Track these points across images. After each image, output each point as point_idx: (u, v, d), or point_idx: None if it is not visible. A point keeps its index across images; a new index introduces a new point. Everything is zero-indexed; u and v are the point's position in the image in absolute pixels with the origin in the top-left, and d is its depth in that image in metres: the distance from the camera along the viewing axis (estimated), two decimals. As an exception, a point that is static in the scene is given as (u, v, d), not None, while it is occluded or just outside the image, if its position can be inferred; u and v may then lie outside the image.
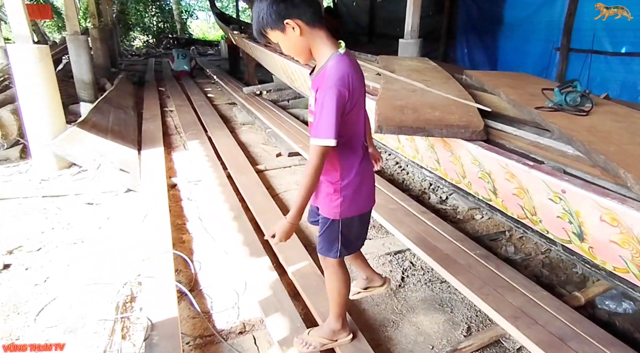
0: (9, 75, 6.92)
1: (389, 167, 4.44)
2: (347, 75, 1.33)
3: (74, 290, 2.31)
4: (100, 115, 5.09)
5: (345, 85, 1.32)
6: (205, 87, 9.49)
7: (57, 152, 3.40)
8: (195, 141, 4.99)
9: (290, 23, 1.34)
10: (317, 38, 1.39)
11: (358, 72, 1.42)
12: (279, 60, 5.29)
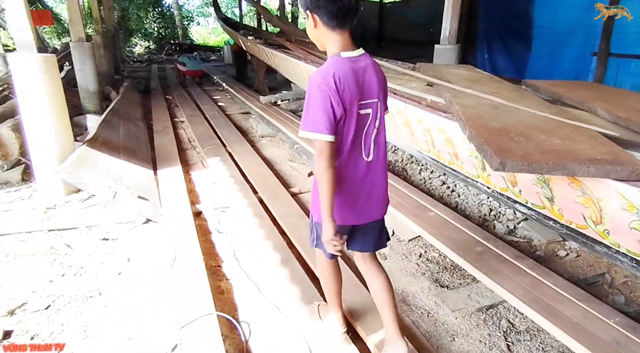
0: (8, 85, 6.42)
1: (435, 188, 3.96)
2: (333, 73, 1.37)
3: (96, 370, 1.81)
4: (110, 130, 4.60)
5: (327, 83, 1.36)
6: (214, 94, 9.01)
7: (68, 180, 2.91)
8: (215, 158, 4.50)
9: (309, 14, 1.45)
10: (330, 39, 1.45)
11: (357, 75, 1.43)
12: (304, 68, 4.82)
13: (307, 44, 6.05)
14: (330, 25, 1.43)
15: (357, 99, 1.42)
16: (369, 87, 1.47)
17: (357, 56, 1.46)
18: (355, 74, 1.42)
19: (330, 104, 1.35)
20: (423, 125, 2.80)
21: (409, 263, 2.71)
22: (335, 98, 1.36)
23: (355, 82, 1.41)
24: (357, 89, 1.42)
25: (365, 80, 1.45)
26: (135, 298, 2.30)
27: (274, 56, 5.89)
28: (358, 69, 1.44)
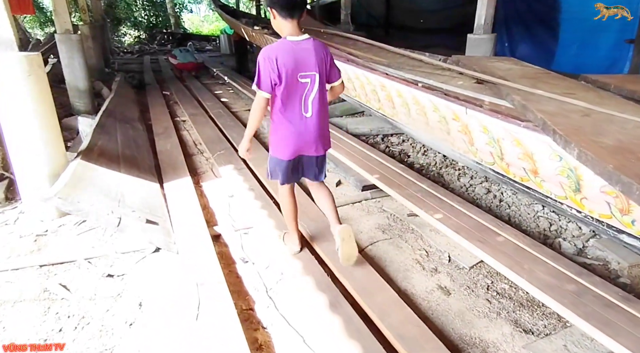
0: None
1: (480, 196, 3.50)
2: (275, 50, 2.00)
3: None
4: (106, 136, 4.06)
5: (268, 55, 1.99)
6: (215, 89, 8.43)
7: (63, 207, 2.39)
8: (227, 166, 3.99)
9: (269, 9, 2.08)
10: (283, 26, 2.06)
11: (295, 53, 2.01)
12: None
13: (321, 35, 5.51)
14: (282, 16, 2.03)
15: (294, 70, 2.01)
16: (306, 63, 2.04)
17: (300, 40, 2.05)
18: (294, 53, 2.01)
19: (269, 71, 1.98)
20: (490, 135, 2.33)
21: (477, 299, 2.26)
22: (273, 67, 1.97)
23: (293, 58, 2.00)
24: (294, 63, 2.00)
25: (302, 57, 2.03)
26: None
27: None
28: (298, 49, 2.03)
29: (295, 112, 2.13)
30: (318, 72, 2.08)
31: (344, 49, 4.78)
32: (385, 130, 5.12)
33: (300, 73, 2.04)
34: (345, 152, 3.86)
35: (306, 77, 2.07)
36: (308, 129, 2.17)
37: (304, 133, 2.17)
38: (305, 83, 2.08)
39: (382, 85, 3.27)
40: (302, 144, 2.20)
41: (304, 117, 2.15)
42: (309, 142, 2.21)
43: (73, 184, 2.63)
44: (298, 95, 2.10)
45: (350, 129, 5.09)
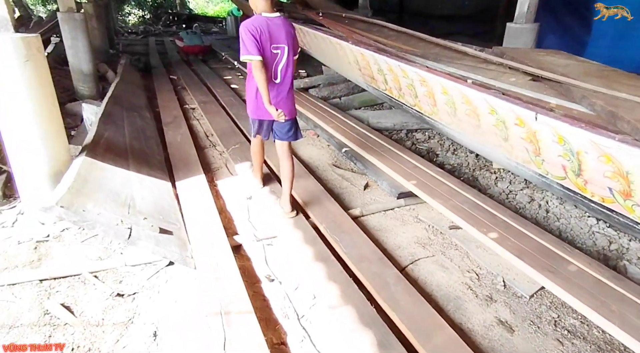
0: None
1: (522, 206, 3.17)
2: (254, 23, 2.36)
3: None
4: (113, 126, 3.72)
5: (249, 27, 2.34)
6: (224, 73, 8.03)
7: (67, 217, 2.06)
8: (244, 163, 3.65)
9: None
10: (258, 3, 2.42)
11: (270, 27, 2.39)
12: (349, 51, 3.92)
13: (342, 20, 5.11)
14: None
15: (269, 41, 2.41)
16: (278, 36, 2.43)
17: (273, 17, 2.44)
18: (268, 27, 2.40)
19: (252, 40, 2.34)
20: (567, 147, 1.99)
21: (545, 339, 1.95)
22: (255, 37, 2.35)
23: (267, 31, 2.39)
24: (269, 35, 2.40)
25: (275, 31, 2.42)
26: None
27: (305, 34, 4.96)
28: (271, 24, 2.41)
29: (270, 78, 2.52)
30: (287, 45, 2.49)
31: (369, 36, 4.39)
32: (410, 125, 4.77)
33: (273, 44, 2.44)
34: (374, 152, 3.52)
35: (277, 48, 2.47)
36: (279, 94, 2.59)
37: (276, 97, 2.57)
38: (276, 54, 2.49)
39: (422, 79, 2.91)
40: (278, 106, 2.56)
41: (274, 83, 2.56)
42: (280, 105, 2.58)
43: (77, 189, 2.31)
44: (270, 64, 2.49)
45: (372, 122, 4.74)
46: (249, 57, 2.36)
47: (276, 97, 2.57)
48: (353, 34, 4.33)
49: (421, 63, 3.11)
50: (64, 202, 2.11)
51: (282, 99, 2.60)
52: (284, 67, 2.54)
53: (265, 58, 2.41)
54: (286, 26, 2.48)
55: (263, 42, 2.37)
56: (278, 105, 2.55)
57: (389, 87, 3.50)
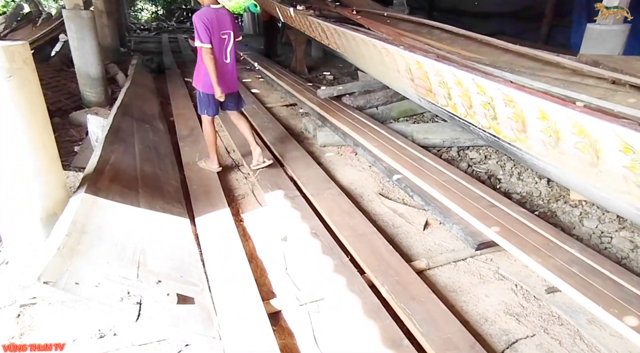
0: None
1: (625, 256, 2.53)
2: (205, 14, 2.88)
3: None
4: (121, 146, 3.16)
5: (202, 19, 2.85)
6: (243, 76, 7.46)
7: (53, 298, 1.49)
8: (275, 192, 3.07)
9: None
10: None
11: (217, 17, 2.95)
12: (398, 56, 3.30)
13: (384, 19, 4.48)
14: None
15: (217, 29, 2.95)
16: (224, 24, 3.00)
17: (219, 8, 3.00)
18: (217, 17, 2.94)
19: (204, 29, 2.85)
20: None
21: None
22: (207, 26, 2.86)
23: (216, 20, 2.93)
24: (217, 24, 2.94)
25: (221, 19, 2.98)
26: None
27: (340, 36, 4.34)
28: (219, 14, 2.97)
29: (219, 60, 3.02)
30: (232, 30, 3.05)
31: (419, 39, 3.77)
32: (461, 142, 4.14)
33: (221, 31, 2.97)
34: (434, 182, 2.90)
35: (225, 34, 3.01)
36: (228, 72, 3.13)
37: (226, 74, 3.10)
38: (224, 38, 3.02)
39: (508, 99, 2.30)
40: (226, 83, 3.09)
41: (225, 63, 3.09)
42: (229, 81, 3.15)
43: (71, 247, 1.75)
44: (221, 48, 3.02)
45: (418, 138, 4.12)
46: (202, 44, 2.90)
47: (226, 74, 3.14)
48: (400, 36, 3.71)
49: (502, 77, 2.49)
50: (50, 274, 1.54)
51: (231, 76, 3.21)
52: (231, 49, 3.12)
53: (216, 43, 2.98)
54: (229, 15, 3.09)
55: (213, 31, 2.93)
56: (229, 81, 3.16)
57: (453, 104, 2.88)
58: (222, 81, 3.03)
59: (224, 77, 3.07)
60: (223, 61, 3.08)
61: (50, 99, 4.81)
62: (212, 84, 2.97)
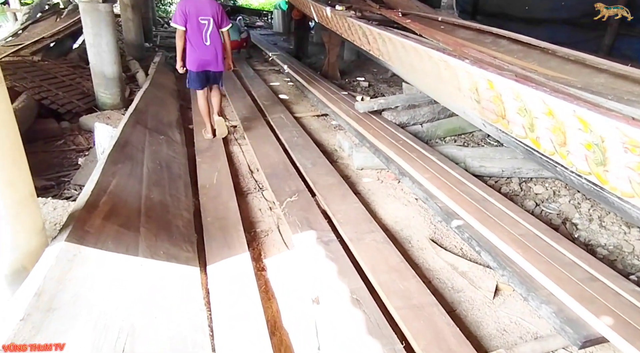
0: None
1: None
2: (185, 3, 3.42)
3: None
4: (127, 166, 2.67)
5: (181, 7, 3.42)
6: (270, 78, 6.96)
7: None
8: (305, 232, 2.52)
9: None
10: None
11: (196, 5, 3.45)
12: (461, 70, 2.70)
13: (437, 25, 3.86)
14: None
15: (196, 15, 3.44)
16: (204, 11, 3.48)
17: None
18: (195, 4, 3.44)
19: (180, 15, 3.40)
20: None
21: None
22: (183, 13, 3.40)
23: (195, 8, 3.43)
24: (195, 11, 3.43)
25: (201, 7, 3.46)
26: None
27: (385, 42, 3.74)
28: (198, 3, 3.46)
29: (200, 42, 3.56)
30: (212, 17, 3.53)
31: (484, 51, 3.15)
32: (524, 172, 3.51)
33: (200, 16, 3.50)
34: (507, 235, 2.28)
35: (204, 19, 3.52)
36: (208, 52, 3.62)
37: (206, 55, 3.62)
38: (204, 24, 3.53)
39: (632, 143, 1.69)
40: (205, 62, 3.64)
41: (205, 45, 3.59)
42: (209, 61, 3.65)
43: (26, 338, 1.23)
44: (201, 31, 3.54)
45: (472, 166, 3.50)
46: (174, 25, 3.50)
47: (205, 55, 3.59)
48: (462, 47, 3.11)
49: (617, 110, 1.87)
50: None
51: (212, 56, 3.62)
52: (212, 33, 3.54)
53: (194, 27, 3.48)
54: (211, 5, 3.52)
55: (190, 16, 3.43)
56: (208, 60, 3.63)
57: (535, 137, 2.27)
58: (201, 60, 3.61)
59: (203, 56, 3.60)
60: (202, 43, 3.57)
61: (61, 100, 4.39)
62: (177, 57, 3.63)
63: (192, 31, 3.48)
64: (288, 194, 2.96)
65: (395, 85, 6.72)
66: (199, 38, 3.51)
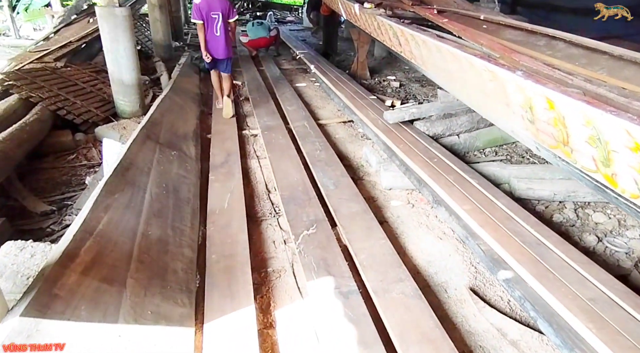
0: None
1: None
2: (200, 2, 4.16)
3: None
4: (124, 197, 2.41)
5: (196, 5, 4.18)
6: (297, 79, 6.61)
7: None
8: (323, 278, 2.16)
9: None
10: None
11: (209, 3, 4.18)
12: (520, 88, 2.23)
13: (479, 24, 3.36)
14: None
15: (207, 10, 4.18)
16: (215, 7, 4.19)
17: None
18: (208, 3, 4.16)
19: (196, 11, 4.19)
20: None
21: None
22: (199, 9, 4.17)
23: (207, 5, 4.16)
24: (208, 7, 4.16)
25: (212, 4, 4.18)
26: None
27: (419, 44, 3.29)
28: (210, 1, 4.18)
29: (212, 33, 4.30)
30: (220, 12, 4.23)
31: (537, 56, 2.65)
32: (580, 196, 3.01)
33: (211, 12, 4.20)
34: (573, 299, 1.82)
35: (215, 14, 4.22)
36: (219, 43, 4.36)
37: (217, 45, 4.37)
38: (215, 18, 4.23)
39: None
40: (215, 50, 4.39)
41: (216, 36, 4.32)
42: (219, 50, 4.39)
43: None
44: (212, 24, 4.26)
45: (518, 188, 3.02)
46: (195, 21, 4.25)
47: (217, 44, 4.37)
48: (511, 52, 2.62)
49: None
50: None
51: (222, 46, 4.38)
52: (221, 26, 4.28)
53: (208, 20, 4.24)
54: (220, 2, 4.26)
55: (204, 12, 4.19)
56: (218, 48, 4.39)
57: (611, 173, 1.80)
58: (213, 49, 4.38)
59: (215, 46, 4.37)
60: (214, 34, 4.31)
61: (78, 110, 4.22)
62: (201, 48, 4.35)
63: (207, 25, 4.24)
64: (305, 225, 2.61)
65: (428, 85, 6.21)
66: (211, 30, 4.28)
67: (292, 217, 2.71)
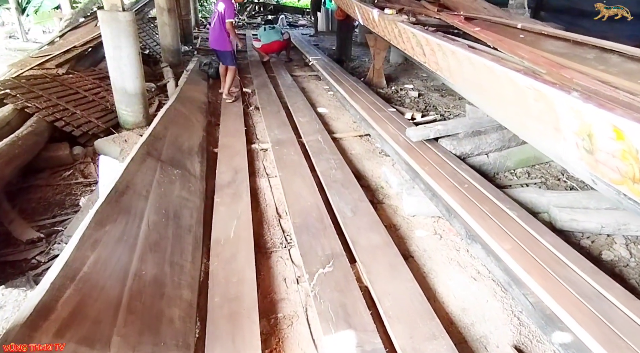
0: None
1: None
2: None
3: None
4: (117, 229, 2.12)
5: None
6: (309, 87, 6.32)
7: None
8: (341, 333, 1.85)
9: None
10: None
11: (218, 1, 5.00)
12: (575, 111, 1.91)
13: (517, 34, 3.04)
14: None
15: (215, 6, 5.06)
16: (218, 5, 4.91)
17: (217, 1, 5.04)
18: (216, 4, 5.05)
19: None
20: None
21: None
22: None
23: (217, 2, 5.00)
24: (216, 4, 5.03)
25: (218, 3, 4.93)
26: None
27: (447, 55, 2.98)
28: (217, 2, 5.01)
29: (211, 26, 5.20)
30: (220, 11, 4.87)
31: (592, 75, 2.32)
32: (632, 230, 2.66)
33: (216, 8, 4.96)
34: None
35: (216, 11, 4.95)
36: (211, 34, 5.18)
37: (211, 36, 5.22)
38: (215, 13, 4.97)
39: None
40: (211, 41, 5.24)
41: (212, 28, 5.11)
42: (211, 39, 5.26)
43: None
44: (213, 18, 5.06)
45: (559, 219, 2.68)
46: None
47: (211, 35, 5.22)
48: (559, 68, 2.30)
49: None
50: None
51: (212, 37, 5.17)
52: (216, 22, 4.96)
53: (213, 16, 5.09)
54: (224, 3, 4.83)
55: (214, 7, 5.04)
56: (211, 38, 5.24)
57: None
58: (209, 40, 5.37)
59: (210, 36, 5.28)
60: (211, 26, 5.15)
61: (77, 121, 3.97)
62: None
63: (212, 19, 5.11)
64: (321, 261, 2.31)
65: (448, 95, 5.87)
66: (212, 24, 5.09)
67: (306, 250, 2.41)
